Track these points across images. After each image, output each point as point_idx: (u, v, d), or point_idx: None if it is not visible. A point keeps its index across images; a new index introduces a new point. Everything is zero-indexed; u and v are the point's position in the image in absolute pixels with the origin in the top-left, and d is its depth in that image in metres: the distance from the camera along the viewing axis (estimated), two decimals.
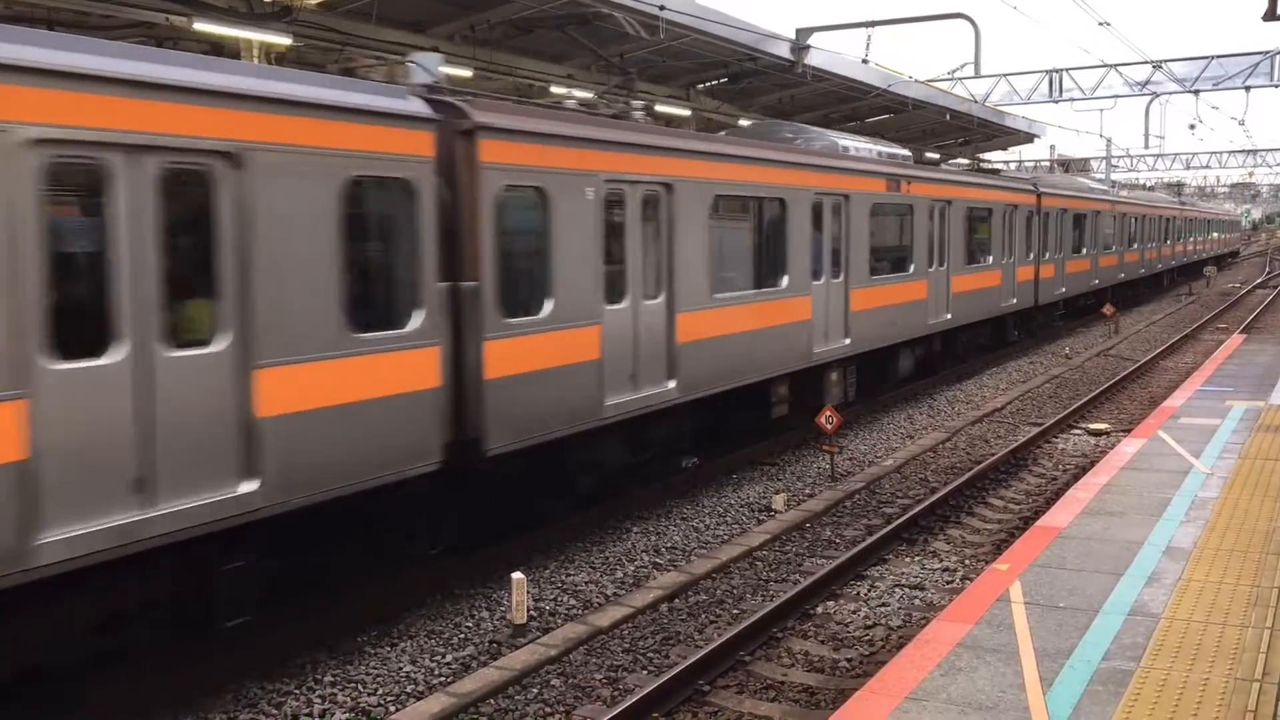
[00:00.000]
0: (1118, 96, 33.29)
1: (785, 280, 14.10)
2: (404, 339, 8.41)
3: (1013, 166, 44.13)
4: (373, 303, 8.42)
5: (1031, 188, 25.58)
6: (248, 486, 7.18)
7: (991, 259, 22.70)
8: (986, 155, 41.13)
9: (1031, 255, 25.22)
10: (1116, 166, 60.82)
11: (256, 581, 7.66)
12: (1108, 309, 30.39)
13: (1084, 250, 30.58)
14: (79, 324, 6.37)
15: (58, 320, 6.21)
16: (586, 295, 10.38)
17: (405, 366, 8.38)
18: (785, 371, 14.25)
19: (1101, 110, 41.87)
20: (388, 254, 8.72)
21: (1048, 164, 55.39)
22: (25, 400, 6.00)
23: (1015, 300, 24.19)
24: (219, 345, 7.07)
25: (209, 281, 7.06)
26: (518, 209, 9.67)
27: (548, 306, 9.92)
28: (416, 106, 8.63)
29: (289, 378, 7.44)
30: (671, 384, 11.70)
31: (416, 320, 8.50)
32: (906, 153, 19.83)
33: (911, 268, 18.51)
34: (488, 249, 9.13)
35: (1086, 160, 59.06)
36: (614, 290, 10.87)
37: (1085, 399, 18.79)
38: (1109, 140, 50.56)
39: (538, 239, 9.93)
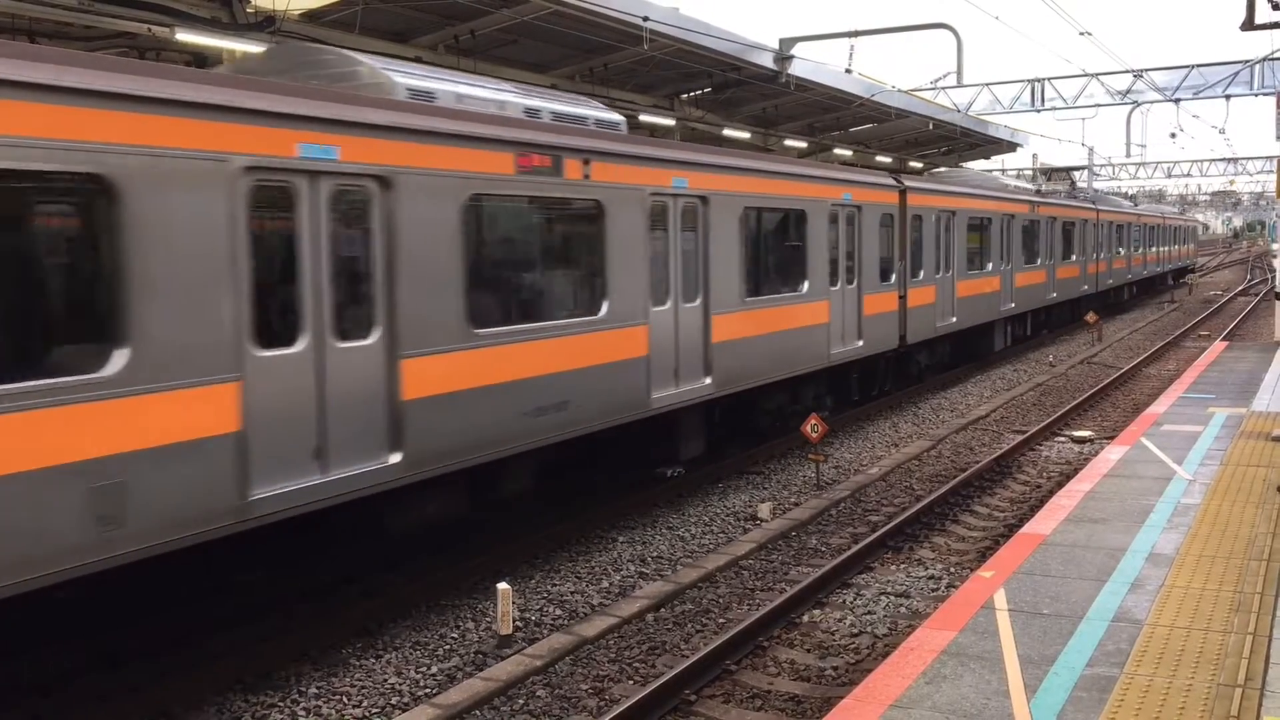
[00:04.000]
0: (1099, 105, 33.53)
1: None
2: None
3: (1014, 178, 44.28)
4: None
5: (893, 182, 18.99)
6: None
7: (807, 285, 15.37)
8: (969, 164, 41.31)
9: (894, 276, 18.84)
10: (1099, 175, 61.20)
11: None
12: (1091, 316, 30.55)
13: (991, 265, 24.25)
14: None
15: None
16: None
17: None
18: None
19: (1083, 119, 41.98)
20: None
21: (1030, 172, 55.68)
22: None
23: (860, 343, 17.32)
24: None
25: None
26: None
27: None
28: None
29: None
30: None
31: None
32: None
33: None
34: None
35: (1069, 169, 59.38)
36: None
37: (1069, 406, 18.88)
38: (1091, 149, 50.84)
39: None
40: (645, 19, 16.41)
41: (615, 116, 11.94)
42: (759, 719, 7.43)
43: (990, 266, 24.10)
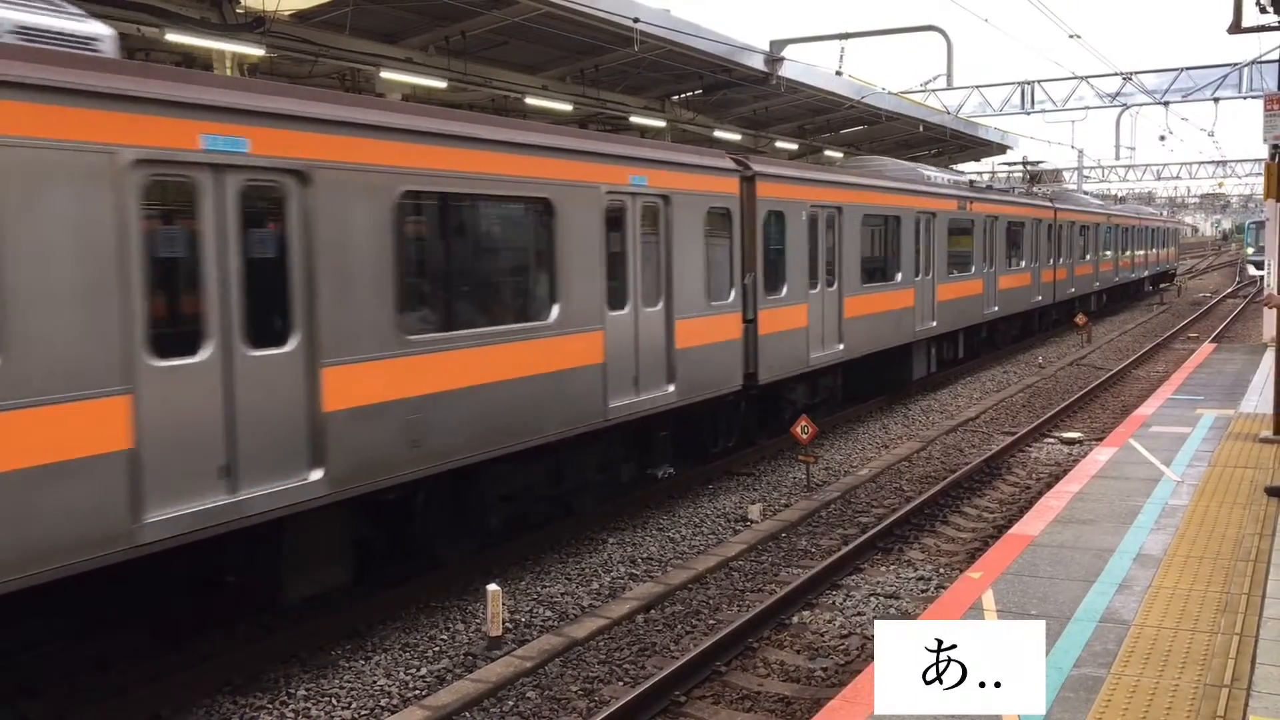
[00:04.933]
0: (1089, 108, 33.65)
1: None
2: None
3: (985, 177, 44.27)
4: None
5: (732, 165, 13.89)
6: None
7: (556, 313, 10.44)
8: (960, 166, 41.41)
9: (733, 293, 13.59)
10: (1088, 178, 61.42)
11: None
12: (1080, 318, 30.62)
13: (902, 275, 19.41)
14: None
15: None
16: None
17: None
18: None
19: (1073, 121, 42.10)
20: None
21: (1021, 175, 55.83)
22: None
23: (670, 388, 12.20)
24: None
25: None
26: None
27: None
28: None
29: None
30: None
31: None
32: None
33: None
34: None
35: (1059, 171, 59.59)
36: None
37: (1058, 408, 18.94)
38: (1080, 151, 51.06)
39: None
40: (636, 20, 16.43)
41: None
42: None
43: (901, 277, 19.30)
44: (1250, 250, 61.01)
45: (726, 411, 14.38)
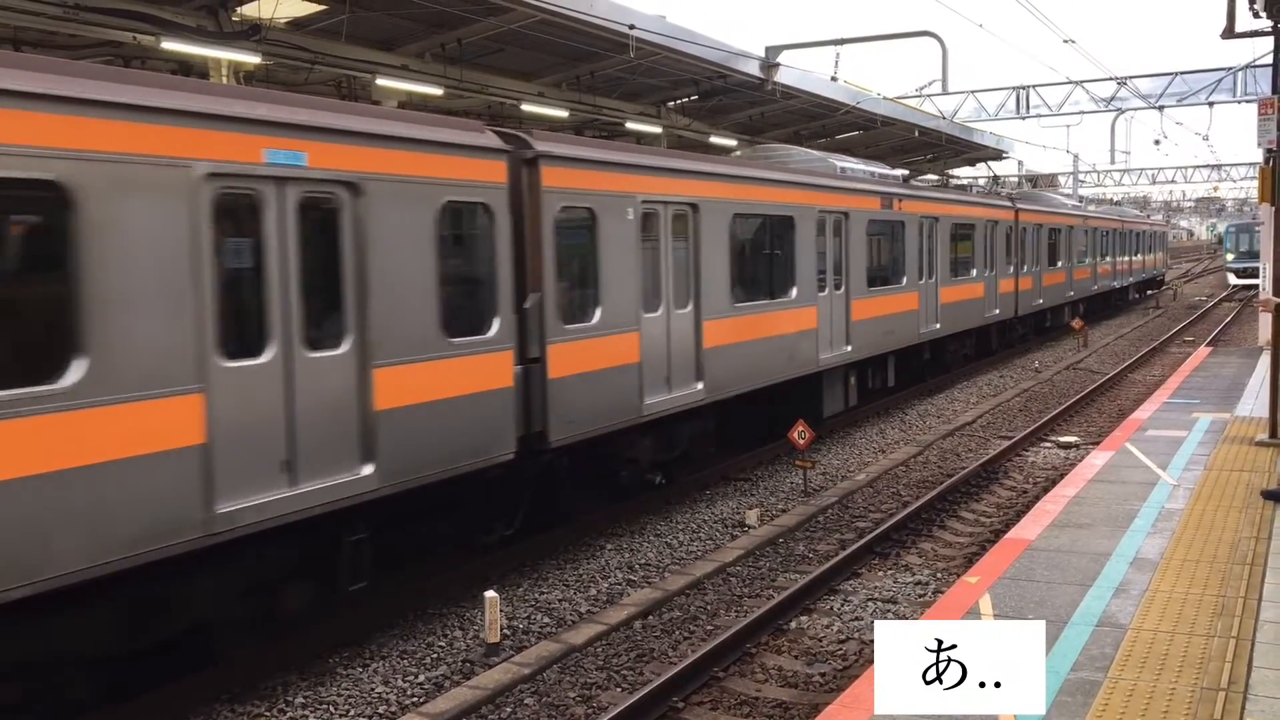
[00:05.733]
0: (1084, 112, 33.81)
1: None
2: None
3: (981, 183, 44.28)
4: None
5: (503, 143, 10.14)
6: None
7: (125, 376, 6.96)
8: (955, 171, 41.47)
9: (496, 324, 9.81)
10: (1084, 182, 61.55)
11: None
12: (1076, 323, 30.64)
13: (797, 291, 15.44)
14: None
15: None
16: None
17: None
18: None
19: (1068, 126, 42.18)
20: None
21: (1016, 180, 55.95)
22: None
23: (367, 470, 8.36)
24: None
25: None
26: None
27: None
28: None
29: None
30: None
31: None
32: None
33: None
34: None
35: (1054, 175, 59.76)
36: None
37: (1055, 412, 18.96)
38: (1076, 156, 51.17)
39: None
40: (631, 27, 16.45)
41: None
42: None
43: (797, 292, 15.43)
44: (1230, 256, 55.11)
45: (508, 486, 10.44)
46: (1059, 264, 31.53)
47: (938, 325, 21.55)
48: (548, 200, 10.39)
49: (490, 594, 8.84)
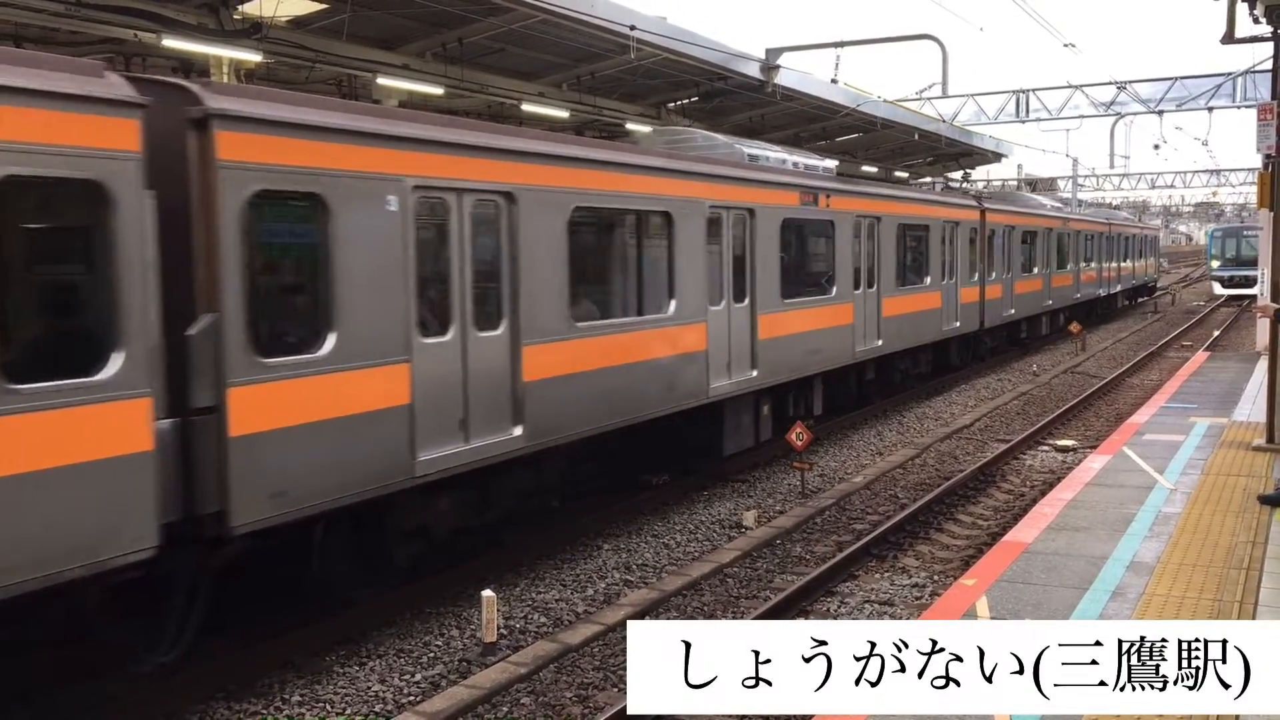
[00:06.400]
0: (1083, 117, 33.82)
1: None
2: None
3: (980, 186, 44.29)
4: None
5: (134, 94, 6.68)
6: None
7: None
8: (954, 174, 41.51)
9: (115, 362, 6.60)
10: (1083, 186, 61.60)
11: None
12: (1075, 326, 30.64)
13: (674, 305, 12.49)
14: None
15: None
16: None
17: None
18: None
19: (1068, 130, 42.13)
20: None
21: (1015, 183, 55.97)
22: None
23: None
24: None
25: None
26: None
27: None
28: None
29: None
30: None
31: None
32: None
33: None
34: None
35: (1053, 179, 59.77)
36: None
37: (1052, 415, 18.98)
38: (1075, 160, 51.14)
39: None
40: (632, 28, 16.47)
41: None
42: None
43: (677, 307, 12.48)
44: (1215, 264, 51.15)
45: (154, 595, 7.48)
46: (1035, 270, 28.88)
47: (879, 342, 18.47)
48: (230, 180, 7.29)
49: (487, 593, 8.85)
